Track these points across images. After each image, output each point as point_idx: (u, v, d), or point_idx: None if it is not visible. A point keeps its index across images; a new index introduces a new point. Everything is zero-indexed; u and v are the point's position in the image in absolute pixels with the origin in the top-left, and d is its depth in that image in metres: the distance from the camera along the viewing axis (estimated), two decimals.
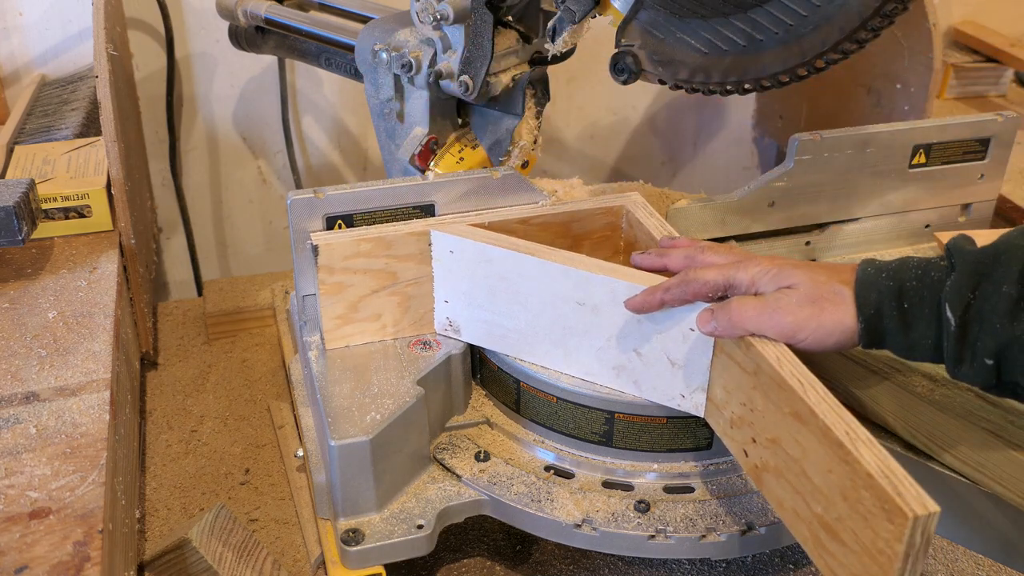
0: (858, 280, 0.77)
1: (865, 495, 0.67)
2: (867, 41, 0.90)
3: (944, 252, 0.77)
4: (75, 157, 1.25)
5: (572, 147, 1.98)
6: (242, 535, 0.99)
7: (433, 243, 1.00)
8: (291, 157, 1.75)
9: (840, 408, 0.72)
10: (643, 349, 0.91)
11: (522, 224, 1.04)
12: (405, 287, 1.02)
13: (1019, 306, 0.70)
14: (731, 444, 0.87)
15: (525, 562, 1.07)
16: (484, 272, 0.98)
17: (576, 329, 0.95)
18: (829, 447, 0.71)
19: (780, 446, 0.78)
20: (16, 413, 0.87)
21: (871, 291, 0.76)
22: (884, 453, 0.68)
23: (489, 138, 1.24)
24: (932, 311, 0.74)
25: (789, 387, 0.75)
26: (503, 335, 1.00)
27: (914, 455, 0.86)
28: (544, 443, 1.00)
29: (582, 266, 0.92)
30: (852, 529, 0.69)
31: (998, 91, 1.97)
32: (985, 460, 0.80)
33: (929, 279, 0.74)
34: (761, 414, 0.80)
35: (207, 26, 1.61)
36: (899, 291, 0.75)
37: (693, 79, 0.99)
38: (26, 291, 1.06)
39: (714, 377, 0.88)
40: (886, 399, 0.88)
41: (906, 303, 0.75)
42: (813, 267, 0.80)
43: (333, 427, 0.90)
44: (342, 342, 1.03)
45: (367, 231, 1.00)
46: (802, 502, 0.75)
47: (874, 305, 0.76)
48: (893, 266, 0.77)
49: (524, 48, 1.18)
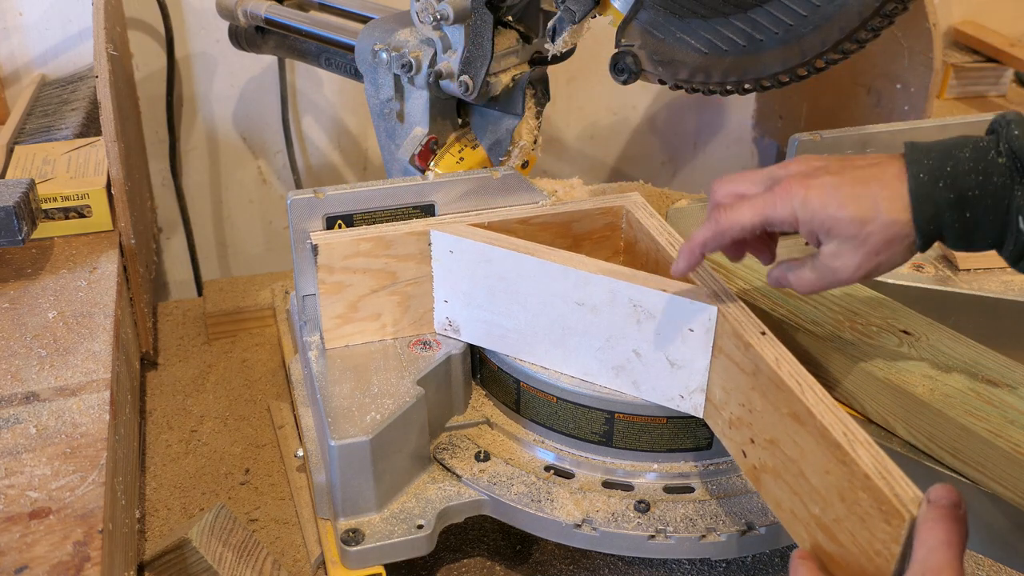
0: (913, 195, 0.71)
1: (862, 496, 0.66)
2: (867, 41, 0.90)
3: (995, 139, 0.71)
4: (75, 157, 1.25)
5: (572, 147, 1.98)
6: (242, 535, 0.99)
7: (433, 243, 1.00)
8: (291, 157, 1.75)
9: (838, 409, 0.72)
10: (642, 349, 0.91)
11: (522, 224, 1.04)
12: (405, 287, 1.02)
13: None
14: (730, 445, 0.87)
15: (525, 562, 1.07)
16: (484, 272, 0.98)
17: (575, 329, 0.94)
18: (827, 448, 0.70)
19: (778, 447, 0.78)
20: (16, 413, 0.87)
21: (929, 207, 0.71)
22: (882, 454, 0.67)
23: (489, 138, 1.24)
24: (998, 218, 0.70)
25: (787, 388, 0.75)
26: (502, 335, 1.00)
27: (914, 455, 0.86)
28: (544, 443, 1.00)
29: (581, 266, 0.92)
30: (849, 530, 0.68)
31: (998, 91, 1.97)
32: (985, 460, 0.80)
33: (992, 185, 0.70)
34: (760, 415, 0.80)
35: (207, 26, 1.61)
36: (960, 201, 0.70)
37: (693, 79, 0.99)
38: (26, 291, 1.06)
39: (713, 378, 0.88)
40: (886, 399, 0.88)
41: (968, 212, 0.70)
42: (855, 193, 0.72)
43: (333, 427, 0.90)
44: (342, 341, 1.03)
45: (367, 231, 1.00)
46: (800, 503, 0.75)
47: (933, 220, 0.71)
48: (948, 170, 0.70)
49: (524, 48, 1.18)
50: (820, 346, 0.94)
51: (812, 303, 0.99)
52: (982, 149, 0.71)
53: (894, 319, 0.97)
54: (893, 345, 0.93)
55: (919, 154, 0.72)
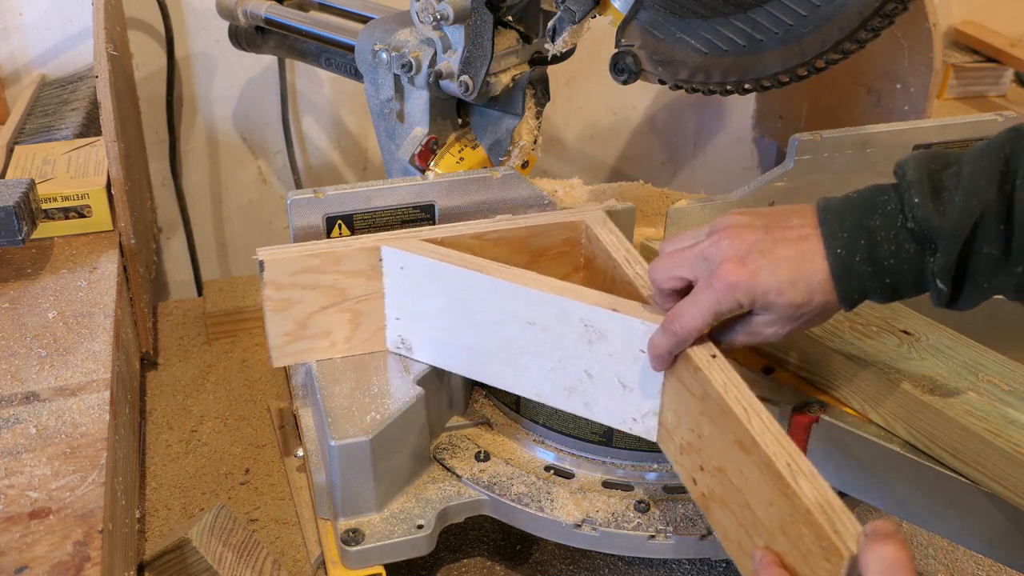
0: (835, 272, 0.74)
1: (804, 531, 0.63)
2: (867, 41, 0.90)
3: (902, 201, 0.73)
4: (75, 157, 1.25)
5: (572, 147, 1.98)
6: (242, 535, 0.99)
7: (384, 259, 0.97)
8: (291, 157, 1.75)
9: (784, 438, 0.69)
10: (594, 371, 0.88)
11: (477, 239, 1.00)
12: (355, 304, 0.98)
13: (1001, 261, 0.70)
14: (681, 471, 0.83)
15: (525, 562, 1.07)
16: (434, 289, 0.95)
17: (527, 349, 0.91)
18: (770, 479, 0.67)
19: (726, 475, 0.74)
20: (16, 413, 0.87)
21: (852, 281, 0.74)
22: (825, 487, 0.64)
23: (489, 138, 1.24)
24: (916, 279, 0.73)
25: (734, 414, 0.72)
26: (454, 354, 0.97)
27: (914, 455, 0.86)
28: (544, 443, 1.00)
29: (532, 284, 0.89)
30: (792, 565, 0.65)
31: (998, 91, 1.97)
32: (985, 460, 0.80)
33: (906, 253, 0.72)
34: (708, 441, 0.77)
35: (207, 26, 1.61)
36: (878, 272, 0.73)
37: (693, 79, 0.99)
38: (26, 291, 1.06)
39: (665, 401, 0.84)
40: (886, 399, 0.88)
41: (888, 279, 0.73)
42: (791, 278, 0.75)
43: (333, 427, 0.90)
44: (291, 360, 1.00)
45: (316, 246, 0.97)
46: (745, 535, 0.72)
47: (856, 292, 0.75)
48: (862, 243, 0.73)
49: (524, 48, 1.18)
50: (820, 346, 0.94)
51: None
52: (890, 215, 0.73)
53: (894, 319, 0.97)
54: (893, 345, 0.93)
55: (834, 226, 0.75)
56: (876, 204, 0.74)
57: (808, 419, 0.91)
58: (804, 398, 0.93)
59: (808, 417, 0.91)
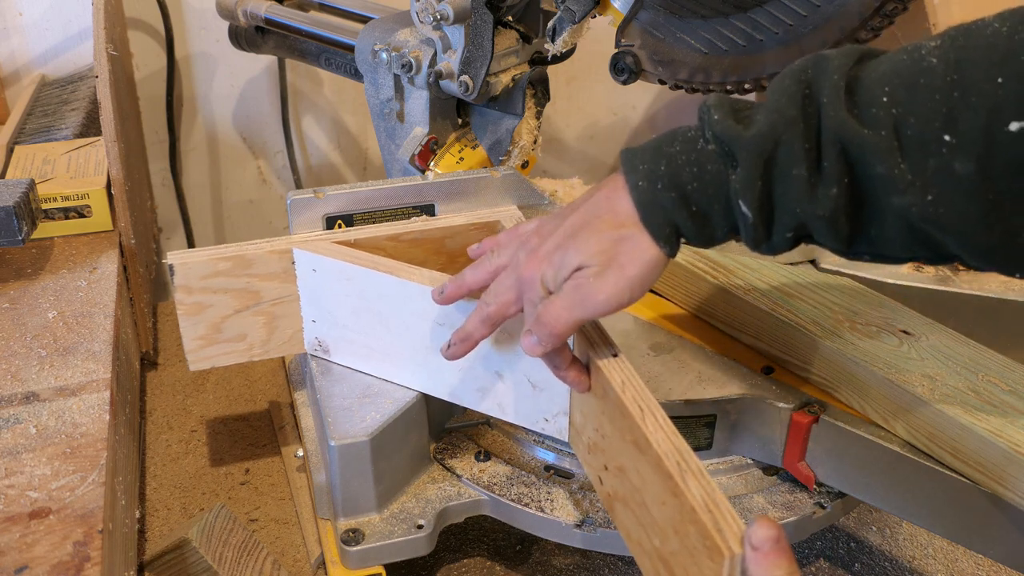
0: (638, 204, 0.71)
1: (691, 530, 0.63)
2: (867, 41, 0.90)
3: (703, 125, 0.70)
4: (75, 157, 1.25)
5: (572, 147, 1.98)
6: (242, 535, 0.99)
7: (296, 261, 0.97)
8: (291, 157, 1.75)
9: (677, 437, 0.68)
10: (505, 372, 0.89)
11: (392, 241, 1.00)
12: (270, 307, 0.99)
13: (810, 183, 0.66)
14: (588, 471, 0.84)
15: (525, 562, 1.07)
16: (346, 291, 0.95)
17: (438, 350, 0.89)
18: (662, 478, 0.67)
19: (626, 475, 0.74)
20: (16, 413, 0.87)
21: (656, 212, 0.70)
22: (712, 486, 0.63)
23: (489, 138, 1.24)
24: (723, 205, 0.69)
25: (629, 414, 0.72)
26: (368, 355, 0.97)
27: (914, 455, 0.86)
28: (544, 443, 1.00)
29: (437, 284, 0.88)
30: (683, 565, 0.65)
31: None
32: (985, 460, 0.80)
33: (708, 175, 0.69)
34: (610, 440, 0.77)
35: (207, 26, 1.61)
36: (683, 199, 0.69)
37: (693, 79, 0.99)
38: (26, 291, 1.06)
39: (573, 401, 0.85)
40: (886, 399, 0.88)
41: (694, 206, 0.70)
42: (583, 223, 0.73)
43: (333, 427, 0.90)
44: (207, 364, 1.00)
45: (225, 249, 0.97)
46: (644, 534, 0.72)
47: (666, 224, 0.70)
48: (663, 169, 0.70)
49: (524, 48, 1.18)
50: (820, 346, 0.94)
51: (812, 303, 0.99)
52: (691, 139, 0.70)
53: (894, 319, 0.97)
54: (893, 345, 0.93)
55: (634, 160, 0.72)
56: (676, 134, 0.71)
57: (808, 419, 0.91)
58: (804, 398, 0.93)
59: (808, 417, 0.91)
